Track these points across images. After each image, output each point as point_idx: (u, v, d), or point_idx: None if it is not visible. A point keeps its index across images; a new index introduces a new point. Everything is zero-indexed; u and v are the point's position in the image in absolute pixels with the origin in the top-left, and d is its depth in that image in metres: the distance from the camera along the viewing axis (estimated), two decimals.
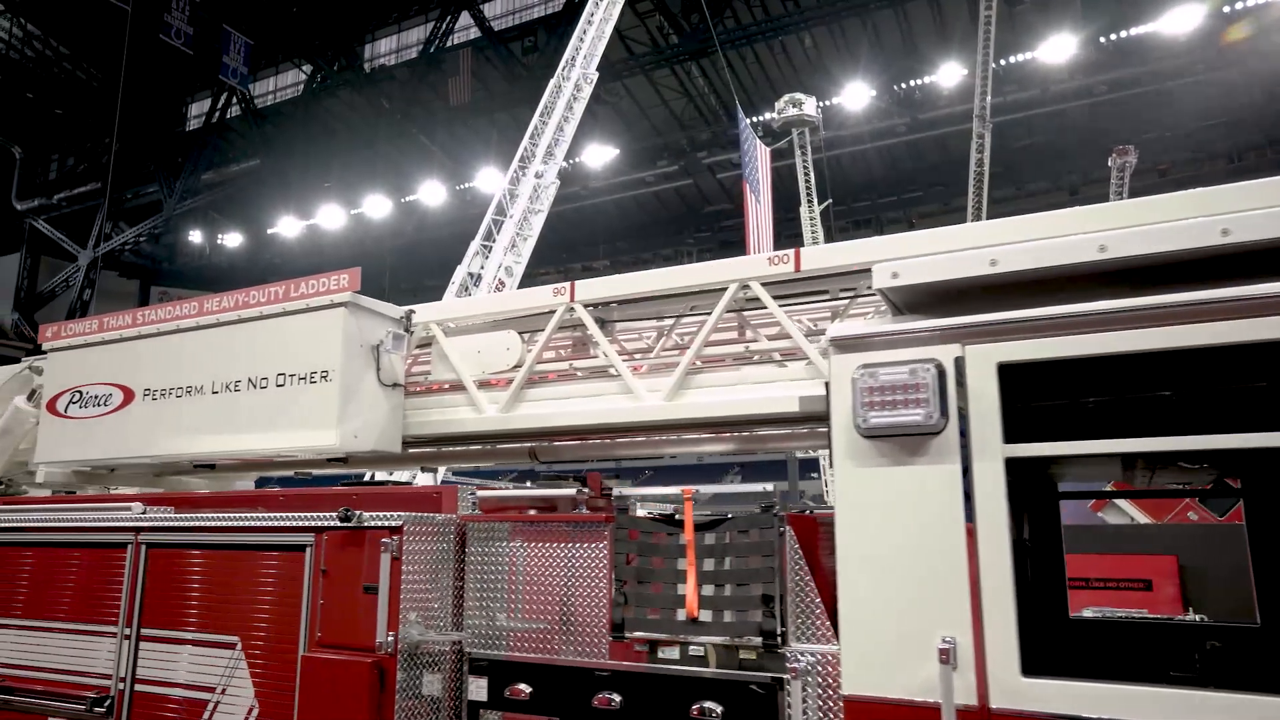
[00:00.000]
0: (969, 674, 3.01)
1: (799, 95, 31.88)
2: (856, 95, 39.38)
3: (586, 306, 4.84)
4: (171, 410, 5.45)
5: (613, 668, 3.99)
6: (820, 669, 3.55)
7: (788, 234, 30.71)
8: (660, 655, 3.93)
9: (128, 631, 4.91)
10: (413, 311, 5.28)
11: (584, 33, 20.83)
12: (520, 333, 5.15)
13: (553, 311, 4.91)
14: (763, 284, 4.41)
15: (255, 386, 5.11)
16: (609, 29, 21.22)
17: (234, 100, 43.28)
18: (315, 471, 6.05)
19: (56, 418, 5.97)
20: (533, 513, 4.36)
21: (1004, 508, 3.06)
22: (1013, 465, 3.08)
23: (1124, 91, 34.36)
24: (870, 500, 3.30)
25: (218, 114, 43.51)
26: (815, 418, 4.19)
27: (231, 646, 4.55)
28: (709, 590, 3.87)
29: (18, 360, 6.89)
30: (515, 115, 41.78)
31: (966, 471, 3.13)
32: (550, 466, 6.03)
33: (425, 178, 42.48)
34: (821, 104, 33.66)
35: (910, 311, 3.59)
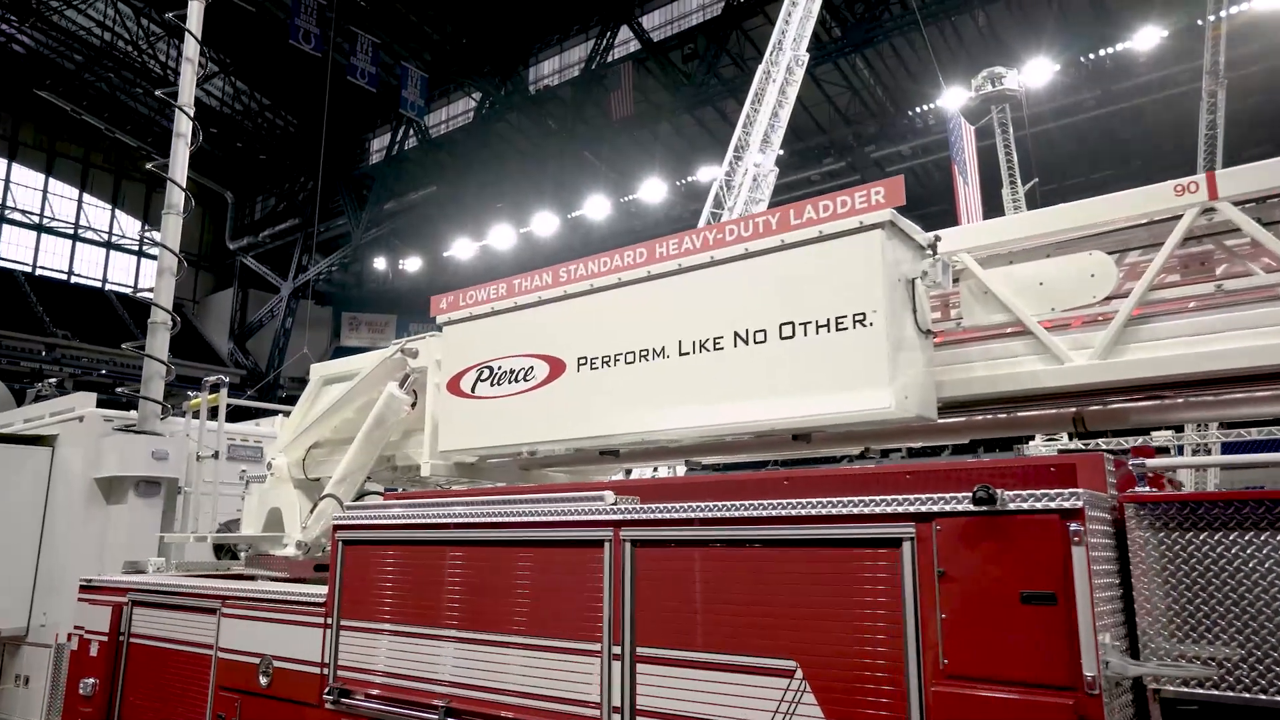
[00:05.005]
0: None
1: (998, 69, 29.50)
2: (1038, 71, 36.41)
3: (1238, 204, 3.46)
4: (620, 380, 4.49)
5: None
6: None
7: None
8: None
9: (616, 650, 3.90)
10: (939, 238, 4.07)
11: (789, 15, 19.73)
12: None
13: (1176, 217, 3.56)
14: None
15: (746, 341, 4.05)
16: (816, 6, 20.04)
17: (411, 132, 45.15)
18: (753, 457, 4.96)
19: (462, 399, 5.18)
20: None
21: None
22: None
23: None
24: None
25: (397, 146, 45.52)
26: None
27: (788, 674, 3.43)
28: None
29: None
30: (676, 124, 41.27)
31: None
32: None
33: (590, 192, 42.70)
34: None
35: None
